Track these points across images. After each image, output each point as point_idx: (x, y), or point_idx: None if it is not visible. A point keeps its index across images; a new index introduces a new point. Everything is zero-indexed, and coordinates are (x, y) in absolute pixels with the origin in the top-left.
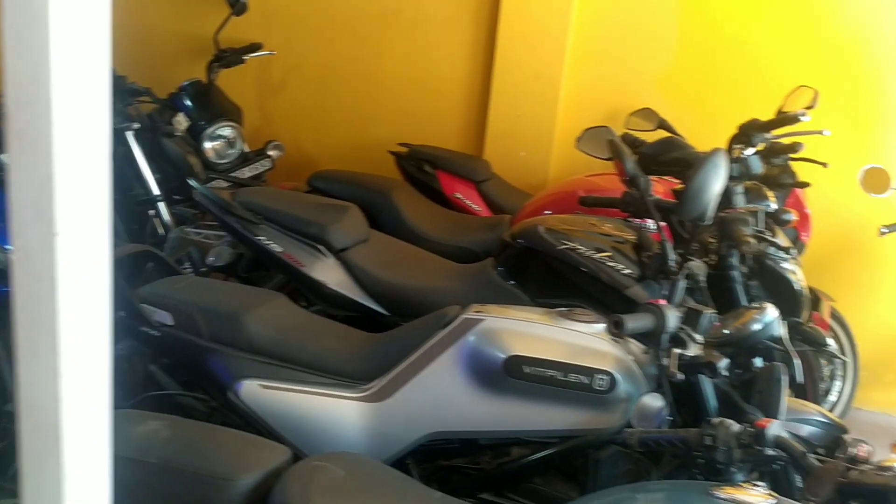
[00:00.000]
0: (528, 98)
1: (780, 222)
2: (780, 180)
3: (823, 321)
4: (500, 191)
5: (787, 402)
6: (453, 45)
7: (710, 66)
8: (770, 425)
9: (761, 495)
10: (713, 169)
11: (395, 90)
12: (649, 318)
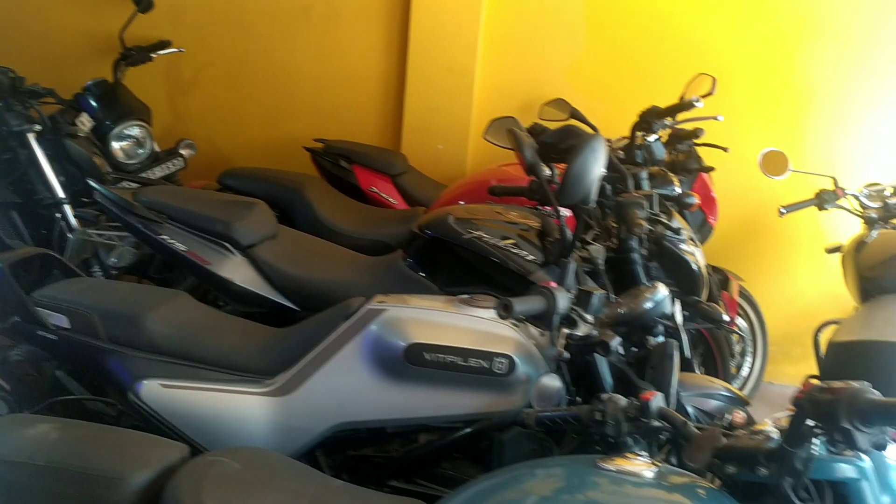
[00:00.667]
0: (442, 91)
1: (683, 206)
2: (687, 165)
3: (732, 300)
4: (417, 184)
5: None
6: (366, 40)
7: (618, 56)
8: (653, 398)
9: (644, 464)
10: (591, 154)
11: (310, 86)
12: (540, 300)
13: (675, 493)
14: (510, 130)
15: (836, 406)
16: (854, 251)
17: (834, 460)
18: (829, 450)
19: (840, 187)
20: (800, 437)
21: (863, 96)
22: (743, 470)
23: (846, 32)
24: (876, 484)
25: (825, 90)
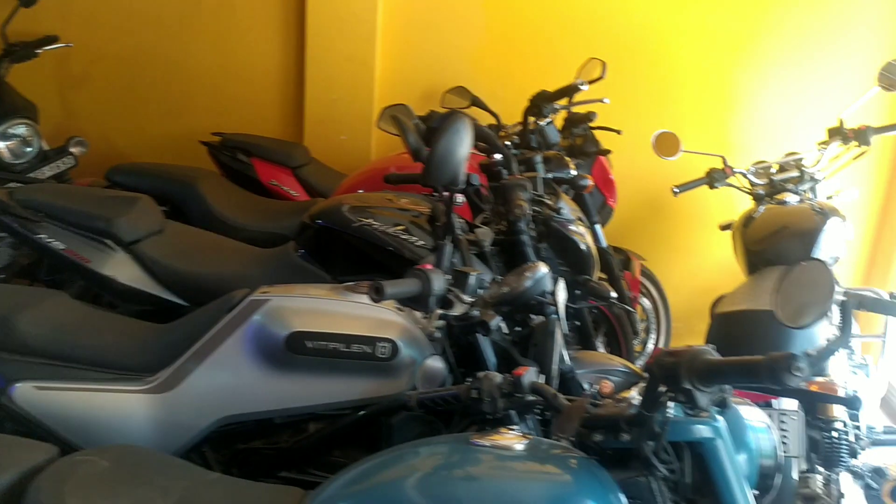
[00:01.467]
0: (343, 81)
1: (577, 188)
2: (585, 149)
3: (635, 279)
4: (319, 175)
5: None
6: (262, 31)
7: (518, 43)
8: (525, 373)
9: (515, 437)
10: (455, 135)
11: (207, 79)
12: (414, 282)
13: (545, 462)
14: (393, 116)
15: (678, 368)
16: (742, 226)
17: (690, 422)
18: (685, 413)
19: (729, 166)
20: (654, 402)
21: (750, 78)
22: (609, 437)
23: (733, 16)
24: (730, 442)
25: (714, 73)
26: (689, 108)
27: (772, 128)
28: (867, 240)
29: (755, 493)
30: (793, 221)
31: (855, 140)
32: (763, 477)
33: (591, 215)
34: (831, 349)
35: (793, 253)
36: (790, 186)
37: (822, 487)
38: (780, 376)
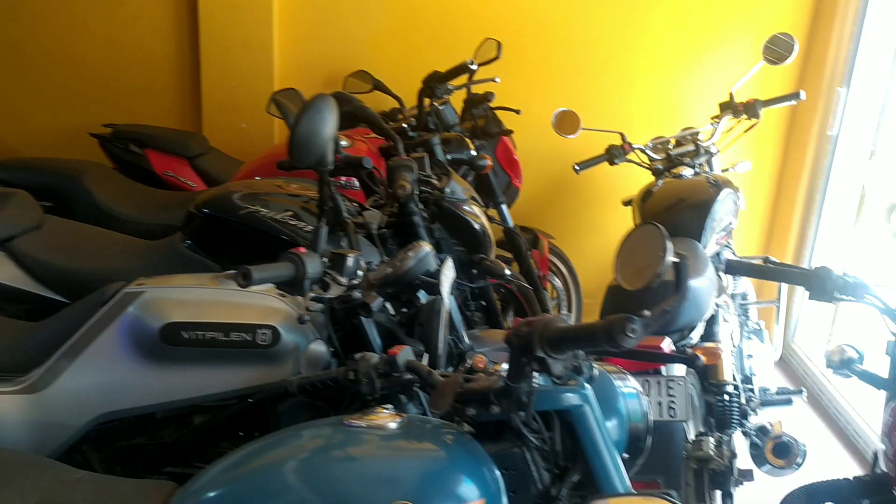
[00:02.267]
0: (241, 67)
1: (476, 168)
2: (487, 130)
3: (543, 258)
4: (217, 164)
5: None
6: (153, 18)
7: (417, 25)
8: (400, 352)
9: (389, 416)
10: (316, 114)
11: (98, 69)
12: (287, 266)
13: (419, 439)
14: (274, 101)
15: (531, 337)
16: (641, 201)
17: (557, 391)
18: (554, 382)
19: (627, 142)
20: (519, 373)
21: (647, 55)
22: (481, 410)
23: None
24: (598, 408)
25: (613, 51)
26: (589, 86)
27: (670, 104)
28: (766, 210)
29: (626, 457)
30: (688, 194)
31: (745, 113)
32: (634, 440)
33: (497, 196)
34: (667, 310)
35: (688, 224)
36: (686, 160)
37: (714, 449)
38: (615, 338)
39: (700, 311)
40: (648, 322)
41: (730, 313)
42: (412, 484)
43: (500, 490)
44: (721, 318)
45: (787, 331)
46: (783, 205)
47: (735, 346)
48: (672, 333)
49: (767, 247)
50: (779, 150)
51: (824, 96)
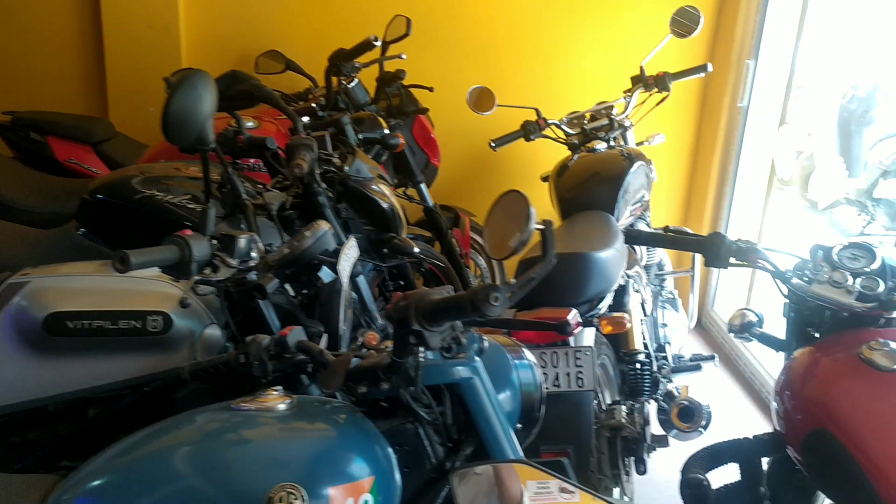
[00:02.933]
0: (147, 50)
1: (388, 147)
2: (403, 108)
3: (465, 236)
4: (123, 150)
5: None
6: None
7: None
8: (290, 333)
9: (278, 398)
10: (190, 92)
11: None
12: (172, 249)
13: (309, 420)
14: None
15: (408, 311)
16: (557, 176)
17: (446, 365)
18: (443, 356)
19: (542, 118)
20: (403, 348)
21: (562, 31)
22: (372, 388)
23: None
24: (488, 380)
25: (527, 28)
26: (504, 63)
27: (586, 78)
28: (683, 182)
29: (519, 427)
30: (602, 168)
31: (656, 86)
32: (528, 411)
33: (415, 175)
34: (533, 278)
35: (601, 197)
36: (601, 134)
37: (626, 417)
38: (480, 308)
39: (608, 281)
40: (513, 290)
41: (642, 283)
42: (298, 465)
43: (391, 466)
44: (631, 288)
45: (705, 298)
46: (699, 176)
47: (648, 316)
48: (580, 304)
49: (686, 218)
50: (693, 122)
51: (734, 69)
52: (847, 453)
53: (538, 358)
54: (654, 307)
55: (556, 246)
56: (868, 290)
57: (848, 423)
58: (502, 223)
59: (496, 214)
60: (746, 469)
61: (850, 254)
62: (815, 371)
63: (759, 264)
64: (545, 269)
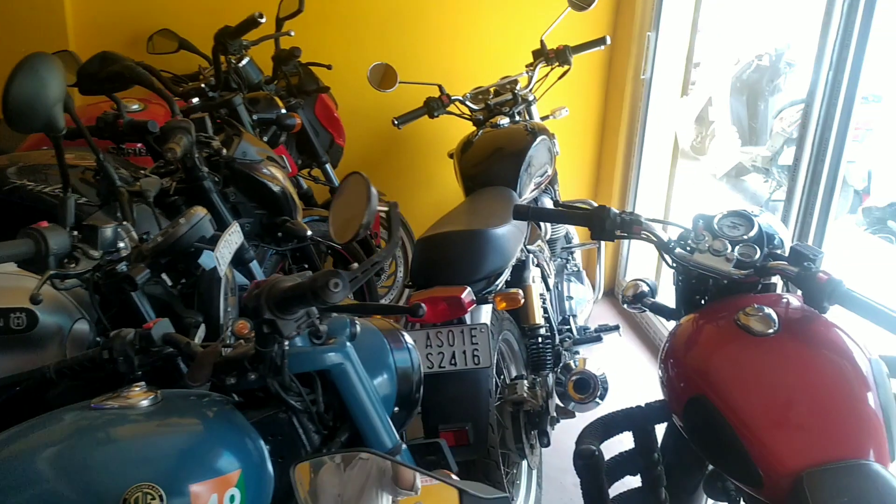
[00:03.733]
0: (30, 31)
1: (285, 128)
2: (304, 87)
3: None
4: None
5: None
6: None
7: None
8: (155, 325)
9: (142, 393)
10: (31, 75)
11: None
12: (26, 243)
13: (175, 415)
14: None
15: (259, 300)
16: (461, 152)
17: (314, 352)
18: (312, 343)
19: (446, 94)
20: (262, 337)
21: (466, 6)
22: (240, 379)
23: None
24: (360, 365)
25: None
26: (406, 39)
27: (490, 53)
28: (592, 155)
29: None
30: (505, 143)
31: (557, 60)
32: (406, 394)
33: (320, 155)
34: (377, 262)
35: (504, 172)
36: (505, 109)
37: (527, 391)
38: (320, 295)
39: (505, 258)
40: (356, 276)
41: (544, 258)
42: (158, 463)
43: (262, 458)
44: (531, 263)
45: (617, 268)
46: (607, 149)
47: (551, 290)
48: (477, 281)
49: (596, 191)
50: (600, 95)
51: (636, 41)
52: (723, 418)
53: (434, 337)
54: (560, 280)
55: (457, 223)
56: (745, 257)
57: (723, 388)
58: (345, 207)
59: (341, 197)
60: (639, 437)
61: (729, 222)
62: (695, 338)
63: (643, 236)
64: (390, 251)
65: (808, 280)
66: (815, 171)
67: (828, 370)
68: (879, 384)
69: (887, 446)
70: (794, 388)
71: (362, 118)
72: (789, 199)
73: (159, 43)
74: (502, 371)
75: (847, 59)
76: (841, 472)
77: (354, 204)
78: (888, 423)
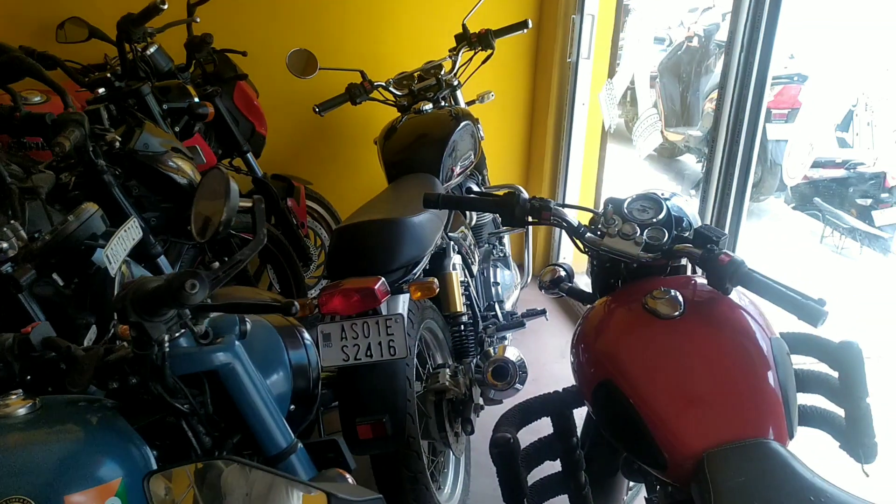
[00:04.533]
0: None
1: (197, 117)
2: (221, 75)
3: (301, 206)
4: None
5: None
6: None
7: None
8: (34, 329)
9: (18, 402)
10: None
11: None
12: None
13: (53, 423)
14: None
15: (125, 302)
16: (384, 139)
17: (201, 352)
18: (199, 343)
19: (368, 80)
20: (142, 340)
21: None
22: (123, 383)
23: None
24: (250, 364)
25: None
26: (328, 25)
27: (414, 38)
28: (523, 140)
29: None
30: (428, 129)
31: (479, 44)
32: (302, 392)
33: (241, 145)
34: (241, 259)
35: (427, 159)
36: (430, 95)
37: (449, 379)
38: (178, 297)
39: (422, 246)
40: (217, 275)
41: (466, 244)
42: (31, 475)
43: (146, 465)
44: (451, 250)
45: (550, 252)
46: (537, 133)
47: (475, 276)
48: (394, 271)
49: (528, 176)
50: (529, 79)
51: (562, 24)
52: (629, 402)
53: (349, 329)
54: (486, 266)
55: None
56: (654, 240)
57: (629, 372)
58: (206, 204)
59: (199, 196)
60: (557, 422)
61: (639, 206)
62: (604, 323)
63: (554, 221)
64: (255, 248)
65: (710, 262)
66: (731, 151)
67: (729, 351)
68: (780, 363)
69: (786, 424)
70: (695, 370)
71: (288, 105)
72: (707, 179)
73: (70, 31)
74: (427, 360)
75: (758, 40)
76: (740, 452)
77: (215, 200)
78: (787, 401)
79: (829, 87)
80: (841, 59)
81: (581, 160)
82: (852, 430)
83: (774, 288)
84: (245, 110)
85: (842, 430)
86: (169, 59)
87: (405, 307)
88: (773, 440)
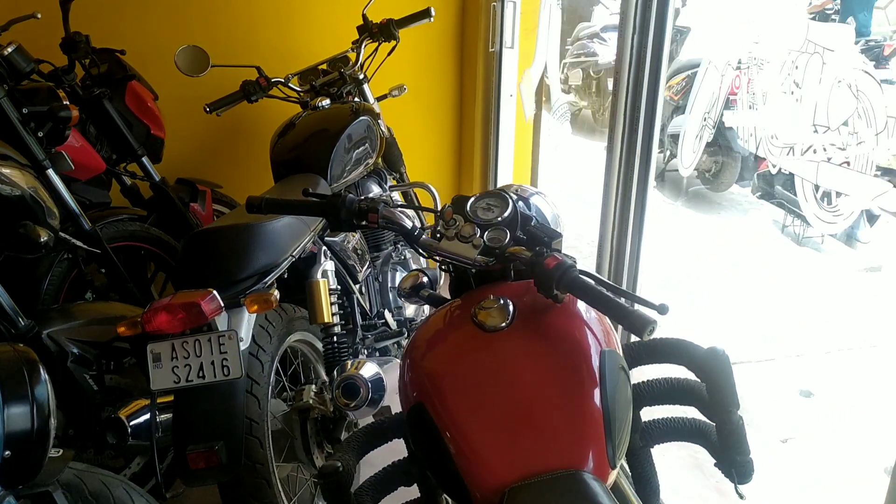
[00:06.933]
0: None
1: (59, 121)
2: (112, 75)
3: (207, 211)
4: None
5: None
6: None
7: None
8: None
9: None
10: None
11: None
12: None
13: None
14: None
15: None
16: (278, 137)
17: None
18: None
19: (264, 77)
20: None
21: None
22: None
23: None
24: None
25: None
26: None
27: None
28: (453, 134)
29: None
30: (320, 126)
31: (382, 35)
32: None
33: (134, 149)
34: None
35: (315, 158)
36: (334, 90)
37: (314, 397)
38: None
39: (277, 253)
40: None
41: (348, 249)
42: None
43: None
44: (323, 256)
45: None
46: (466, 126)
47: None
48: (242, 281)
49: (460, 171)
50: (455, 71)
51: (484, 13)
52: (437, 430)
53: (179, 348)
54: (384, 271)
55: (235, 217)
56: (494, 242)
57: (442, 394)
58: None
59: None
60: (408, 444)
61: (484, 204)
62: (430, 338)
63: (383, 223)
64: None
65: (537, 266)
66: (630, 140)
67: (548, 368)
68: (608, 379)
69: (606, 450)
70: (508, 391)
71: (188, 106)
72: (608, 171)
73: None
74: (304, 377)
75: (650, 21)
76: (544, 487)
77: None
78: (610, 425)
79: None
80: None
81: (511, 154)
82: (724, 445)
83: (600, 294)
84: (138, 112)
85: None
86: (30, 59)
87: (250, 321)
88: (588, 471)
